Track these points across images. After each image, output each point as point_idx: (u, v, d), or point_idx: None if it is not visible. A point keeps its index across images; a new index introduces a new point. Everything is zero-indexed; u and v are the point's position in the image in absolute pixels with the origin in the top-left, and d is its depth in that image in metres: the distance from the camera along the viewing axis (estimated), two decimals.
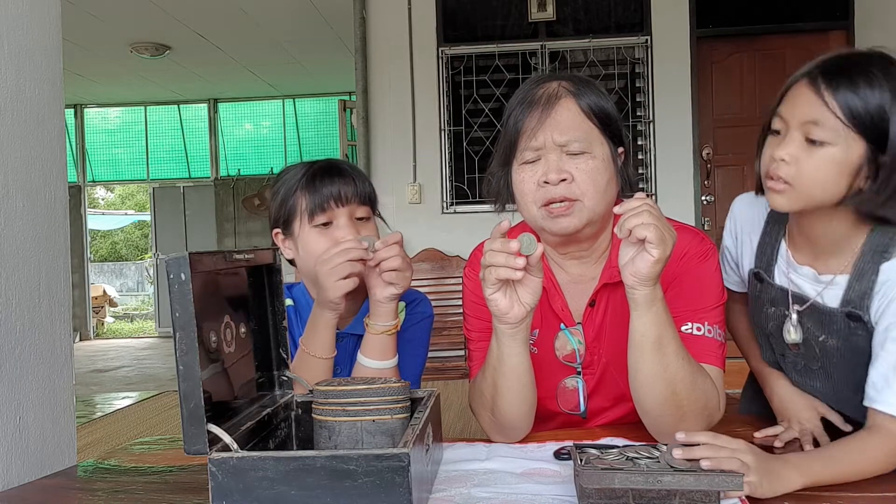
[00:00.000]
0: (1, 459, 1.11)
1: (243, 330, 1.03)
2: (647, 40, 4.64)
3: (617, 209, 1.03)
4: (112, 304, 10.86)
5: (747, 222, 1.25)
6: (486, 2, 4.75)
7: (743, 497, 0.88)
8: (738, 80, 4.78)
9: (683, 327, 1.14)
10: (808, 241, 1.13)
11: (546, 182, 1.14)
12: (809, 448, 1.13)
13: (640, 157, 4.69)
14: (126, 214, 17.74)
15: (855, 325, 1.08)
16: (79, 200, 8.70)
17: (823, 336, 1.13)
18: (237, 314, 1.02)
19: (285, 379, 1.12)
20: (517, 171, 1.18)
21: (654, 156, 4.65)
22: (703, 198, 4.73)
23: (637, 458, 0.91)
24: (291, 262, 1.40)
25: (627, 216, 1.00)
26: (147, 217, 12.61)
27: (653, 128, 4.65)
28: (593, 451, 0.96)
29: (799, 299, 1.15)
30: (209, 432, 0.84)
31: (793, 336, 1.17)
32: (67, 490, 1.09)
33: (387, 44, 4.73)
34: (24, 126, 1.20)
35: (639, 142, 4.69)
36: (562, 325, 1.25)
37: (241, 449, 0.86)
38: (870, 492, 0.93)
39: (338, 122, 5.79)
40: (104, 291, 10.10)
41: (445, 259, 4.63)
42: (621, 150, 1.21)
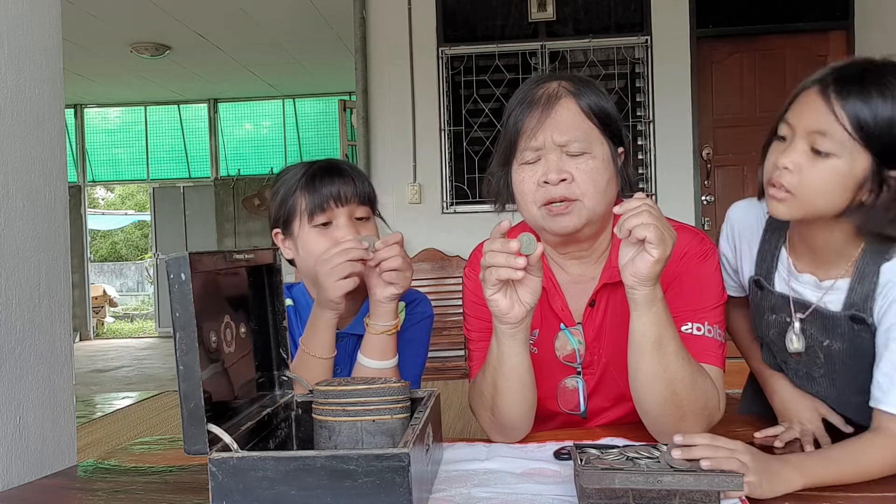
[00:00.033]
0: (1, 459, 1.11)
1: (243, 330, 1.03)
2: (647, 40, 4.64)
3: (616, 209, 1.02)
4: (112, 304, 10.86)
5: (745, 229, 1.24)
6: (486, 2, 4.75)
7: (743, 497, 0.88)
8: (738, 80, 4.78)
9: (683, 327, 1.14)
10: (810, 248, 1.12)
11: (546, 182, 1.14)
12: (810, 449, 1.13)
13: (640, 157, 4.69)
14: (126, 214, 17.74)
15: (859, 328, 1.08)
16: (79, 200, 8.70)
17: (828, 341, 1.12)
18: (237, 314, 1.02)
19: (285, 379, 1.12)
20: (517, 171, 1.18)
21: (654, 156, 4.65)
22: (703, 198, 4.73)
23: (637, 458, 0.91)
24: (291, 262, 1.40)
25: (627, 216, 1.00)
26: (147, 217, 12.61)
27: (653, 128, 4.65)
28: (593, 451, 0.96)
29: (800, 306, 1.14)
30: (209, 432, 0.84)
31: (795, 345, 1.15)
32: (67, 490, 1.09)
33: (387, 44, 4.73)
34: (24, 126, 1.20)
35: (639, 142, 4.69)
36: (562, 325, 1.25)
37: (241, 449, 0.86)
38: (870, 492, 0.92)
39: (338, 122, 5.79)
40: (104, 291, 10.10)
41: (445, 259, 4.63)
42: (621, 150, 1.21)
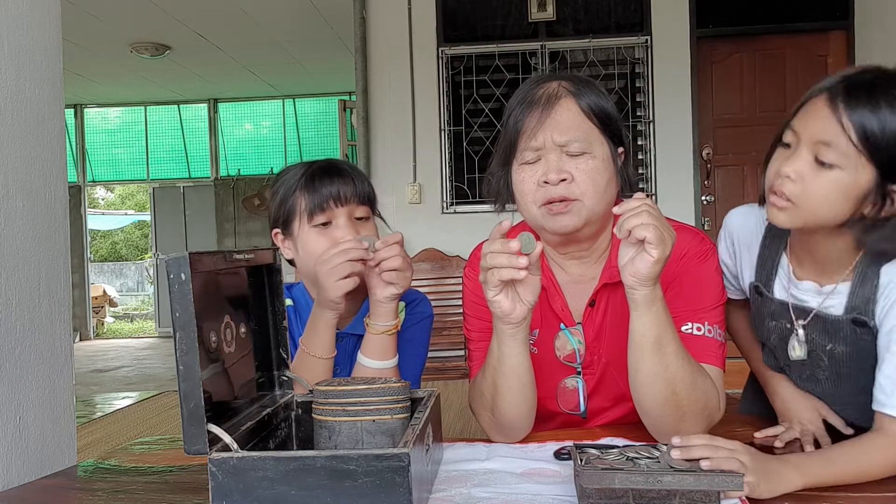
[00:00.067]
0: (1, 459, 1.11)
1: (243, 330, 1.03)
2: (647, 40, 4.64)
3: (616, 209, 1.02)
4: (112, 304, 10.86)
5: (744, 236, 1.23)
6: (486, 2, 4.75)
7: (743, 497, 0.88)
8: (738, 80, 4.78)
9: (683, 327, 1.14)
10: (811, 254, 1.11)
11: (546, 182, 1.14)
12: (810, 449, 1.13)
13: (640, 157, 4.69)
14: (126, 214, 17.74)
15: (861, 332, 1.07)
16: (79, 200, 8.70)
17: (830, 345, 1.12)
18: (237, 314, 1.02)
19: (285, 379, 1.12)
20: (517, 171, 1.18)
21: (654, 156, 4.65)
22: (703, 198, 4.73)
23: (637, 458, 0.91)
24: (291, 263, 1.40)
25: (627, 216, 1.00)
26: (147, 217, 12.61)
27: (653, 128, 4.65)
28: (593, 451, 0.96)
29: (801, 312, 1.14)
30: (209, 432, 0.84)
31: (797, 353, 1.15)
32: (67, 490, 1.09)
33: (387, 44, 4.73)
34: (24, 126, 1.20)
35: (639, 142, 4.68)
36: (562, 325, 1.25)
37: (241, 449, 0.86)
38: (870, 492, 0.92)
39: (338, 122, 5.79)
40: (104, 291, 10.10)
41: (445, 259, 4.63)
42: (621, 150, 1.21)
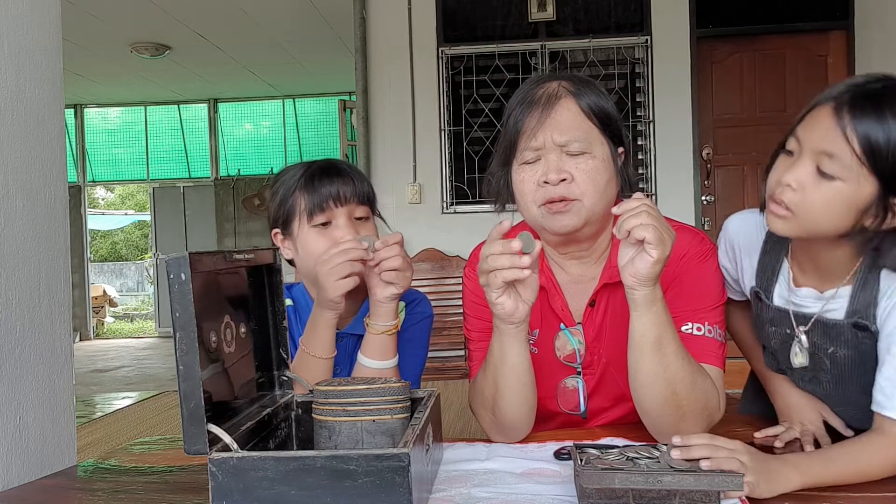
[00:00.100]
0: (1, 459, 1.11)
1: (243, 330, 1.03)
2: (647, 40, 4.64)
3: (615, 210, 1.02)
4: (112, 304, 10.86)
5: (745, 242, 1.22)
6: (486, 2, 4.75)
7: (743, 497, 0.88)
8: (738, 80, 4.78)
9: (683, 327, 1.14)
10: (813, 261, 1.11)
11: (546, 182, 1.14)
12: (810, 448, 1.13)
13: (640, 157, 4.69)
14: (126, 214, 17.74)
15: (862, 335, 1.07)
16: (79, 200, 8.70)
17: (832, 348, 1.11)
18: (237, 314, 1.02)
19: (285, 379, 1.12)
20: (517, 171, 1.18)
21: (654, 156, 4.65)
22: (703, 198, 4.73)
23: (637, 458, 0.91)
24: (291, 263, 1.39)
25: (626, 217, 0.99)
26: (147, 217, 12.61)
27: (653, 128, 4.65)
28: (593, 451, 0.96)
29: (802, 318, 1.13)
30: (209, 432, 0.84)
31: (799, 360, 1.14)
32: (67, 490, 1.09)
33: (387, 44, 4.73)
34: (24, 126, 1.20)
35: (639, 142, 4.68)
36: (562, 325, 1.25)
37: (241, 449, 0.86)
38: (870, 492, 0.92)
39: (338, 122, 5.80)
40: (104, 291, 10.10)
41: (445, 259, 4.63)
42: (621, 150, 1.21)
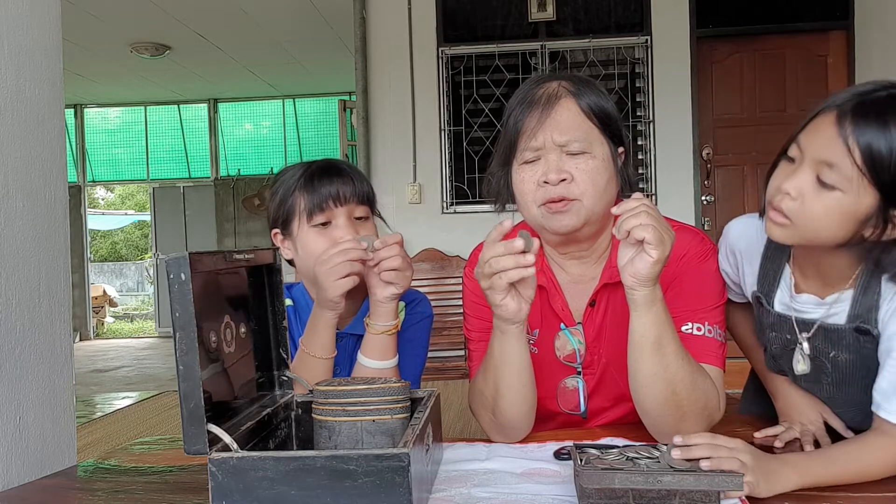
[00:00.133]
0: (1, 459, 1.11)
1: (243, 330, 1.03)
2: (647, 40, 4.64)
3: (615, 210, 1.02)
4: (112, 304, 10.85)
5: (744, 247, 1.21)
6: (486, 2, 4.75)
7: (743, 497, 0.88)
8: (738, 80, 4.78)
9: (683, 327, 1.14)
10: (815, 266, 1.10)
11: (546, 182, 1.14)
12: (810, 448, 1.13)
13: (640, 157, 4.69)
14: (126, 214, 17.74)
15: (864, 339, 1.07)
16: (79, 200, 8.70)
17: (834, 352, 1.11)
18: (237, 314, 1.02)
19: (285, 379, 1.12)
20: (517, 171, 1.18)
21: (654, 156, 4.65)
22: (703, 198, 4.73)
23: (637, 458, 0.91)
24: (290, 263, 1.40)
25: (625, 217, 0.99)
26: (147, 217, 12.61)
27: (653, 128, 4.65)
28: (593, 451, 0.96)
29: (804, 325, 1.12)
30: (209, 432, 0.84)
31: (801, 367, 1.14)
32: (67, 490, 1.09)
33: (387, 44, 4.73)
34: (24, 126, 1.20)
35: (639, 142, 4.68)
36: (562, 325, 1.25)
37: (241, 449, 0.86)
38: (870, 492, 0.93)
39: (338, 122, 5.79)
40: (104, 291, 10.10)
41: (445, 259, 4.63)
42: (621, 149, 1.21)
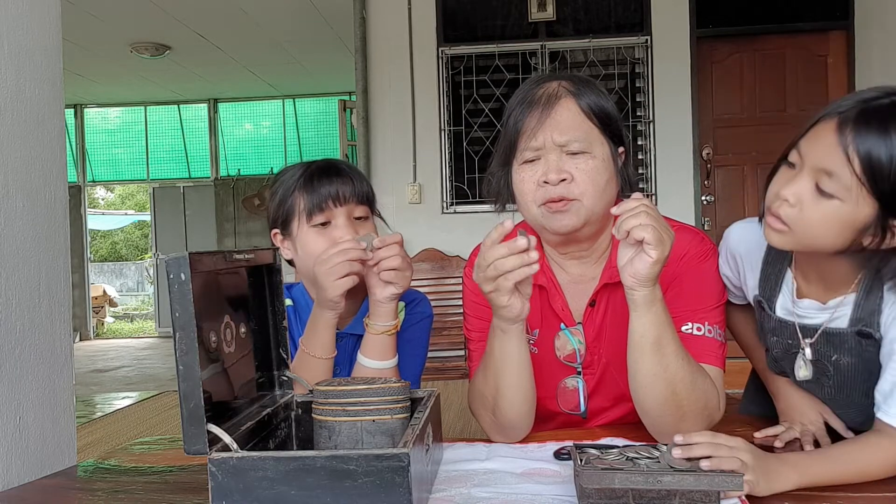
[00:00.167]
0: (1, 459, 1.11)
1: (243, 330, 1.03)
2: (647, 40, 4.64)
3: (614, 210, 1.02)
4: (112, 304, 10.85)
5: (745, 252, 1.21)
6: (486, 2, 4.75)
7: (743, 497, 0.88)
8: (738, 80, 4.78)
9: (683, 327, 1.14)
10: (816, 271, 1.10)
11: (546, 182, 1.14)
12: (810, 448, 1.13)
13: (640, 157, 4.69)
14: (126, 214, 17.74)
15: (866, 343, 1.07)
16: (79, 200, 8.70)
17: (836, 356, 1.11)
18: (237, 314, 1.02)
19: (285, 379, 1.12)
20: (517, 171, 1.18)
21: (654, 156, 4.65)
22: (703, 198, 4.73)
23: (637, 458, 0.91)
24: (290, 263, 1.40)
25: (625, 217, 0.99)
26: (147, 217, 12.61)
27: (653, 128, 4.65)
28: (593, 451, 0.96)
29: (806, 330, 1.12)
30: (209, 432, 0.84)
31: (803, 373, 1.14)
32: (67, 490, 1.09)
33: (387, 44, 4.73)
34: (24, 126, 1.20)
35: (639, 142, 4.68)
36: (562, 325, 1.25)
37: (241, 449, 0.86)
38: (870, 492, 0.93)
39: (338, 122, 5.80)
40: (104, 291, 10.10)
41: (445, 259, 4.63)
42: (621, 149, 1.21)
